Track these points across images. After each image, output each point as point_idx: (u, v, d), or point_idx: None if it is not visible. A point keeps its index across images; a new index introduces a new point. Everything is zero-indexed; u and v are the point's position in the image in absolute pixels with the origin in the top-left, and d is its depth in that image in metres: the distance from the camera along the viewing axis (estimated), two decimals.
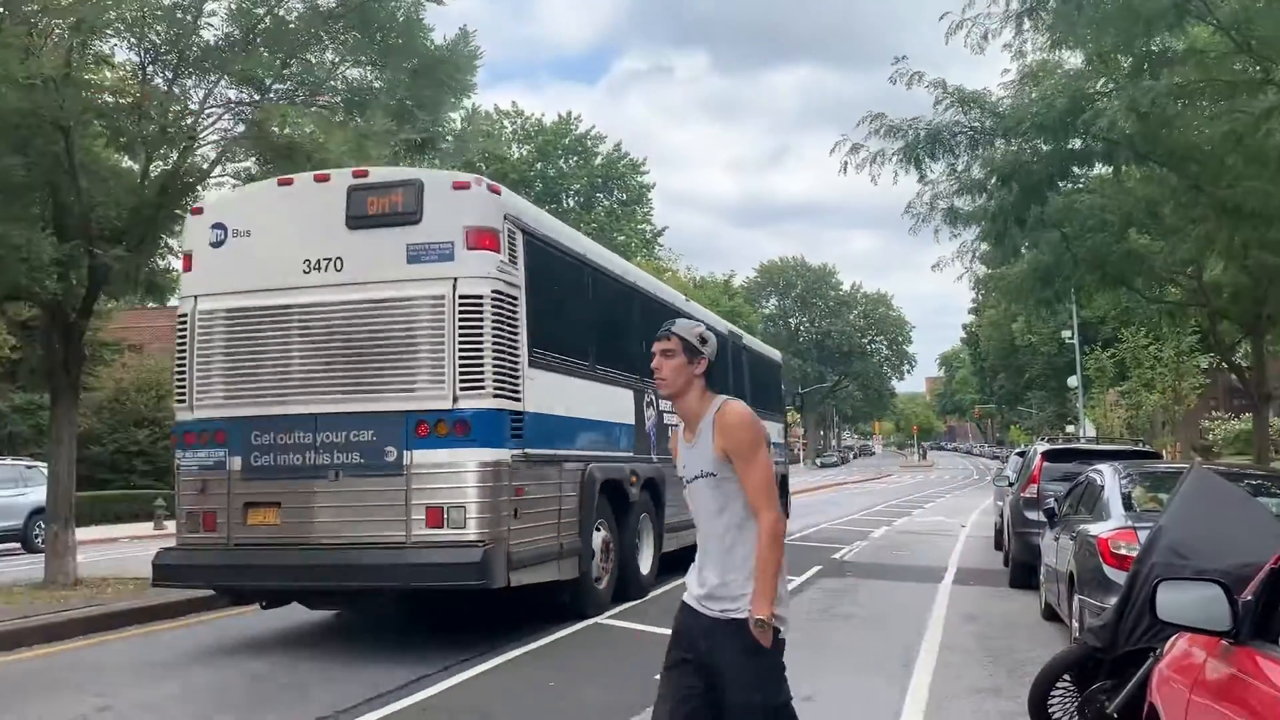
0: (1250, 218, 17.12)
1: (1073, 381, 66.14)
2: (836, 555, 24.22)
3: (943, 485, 77.89)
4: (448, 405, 11.85)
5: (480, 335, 11.89)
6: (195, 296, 12.97)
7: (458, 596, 12.82)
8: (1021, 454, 26.89)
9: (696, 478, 5.18)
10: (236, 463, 12.54)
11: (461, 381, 11.85)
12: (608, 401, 15.06)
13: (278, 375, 12.54)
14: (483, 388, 11.85)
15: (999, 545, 24.58)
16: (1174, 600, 4.56)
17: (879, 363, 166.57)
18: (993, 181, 19.29)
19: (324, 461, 12.20)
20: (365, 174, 12.67)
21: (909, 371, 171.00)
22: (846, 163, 19.32)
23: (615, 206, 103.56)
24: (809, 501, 49.34)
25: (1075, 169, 20.10)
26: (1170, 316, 34.42)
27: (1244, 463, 29.89)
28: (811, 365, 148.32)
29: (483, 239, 12.04)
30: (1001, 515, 24.07)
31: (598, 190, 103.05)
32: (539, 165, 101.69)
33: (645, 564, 16.07)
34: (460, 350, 11.88)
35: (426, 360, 11.97)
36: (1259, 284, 29.10)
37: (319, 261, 12.50)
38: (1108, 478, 12.15)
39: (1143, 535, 8.41)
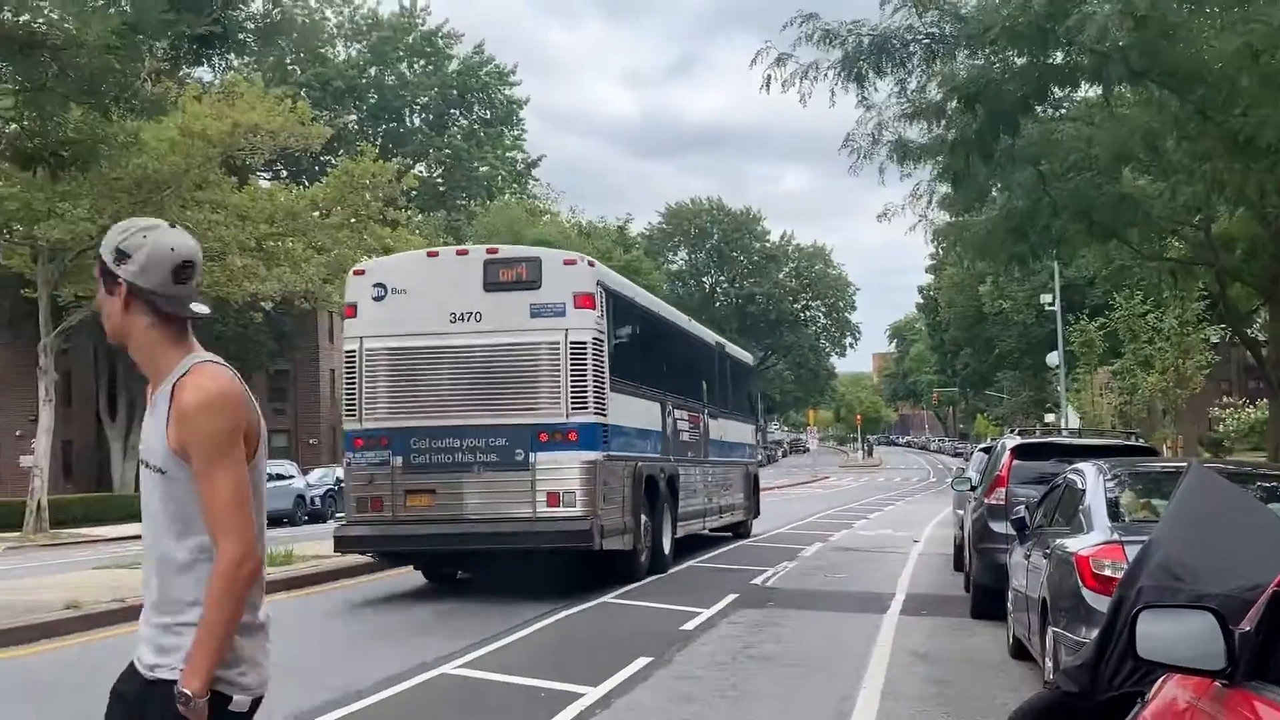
0: (1267, 154, 17.40)
1: (1053, 359, 67.09)
2: (757, 580, 24.46)
3: (892, 489, 78.76)
4: (562, 420, 21.45)
5: (585, 370, 21.51)
6: (361, 337, 22.36)
7: (540, 565, 22.53)
8: (987, 450, 27.20)
9: (146, 466, 4.59)
10: (399, 462, 21.85)
11: (572, 403, 21.50)
12: (647, 414, 25.03)
13: (431, 397, 21.98)
14: (587, 408, 21.50)
15: (959, 565, 24.89)
16: (1158, 633, 4.58)
17: (815, 334, 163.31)
18: (953, 104, 19.36)
19: (468, 461, 21.68)
20: (496, 251, 22.77)
21: (852, 346, 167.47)
22: (770, 77, 19.31)
23: (476, 127, 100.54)
24: None
25: (1056, 89, 20.25)
26: (1172, 277, 34.89)
27: (1258, 460, 30.40)
28: (730, 337, 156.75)
29: (585, 301, 21.63)
30: (962, 527, 24.39)
31: (452, 106, 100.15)
32: (373, 71, 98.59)
33: (667, 544, 25.95)
34: (572, 381, 21.51)
35: (546, 387, 21.57)
36: (1278, 238, 29.57)
37: (462, 314, 21.96)
38: (1090, 480, 12.42)
39: (1132, 552, 8.48)
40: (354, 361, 22.57)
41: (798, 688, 13.54)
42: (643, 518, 24.15)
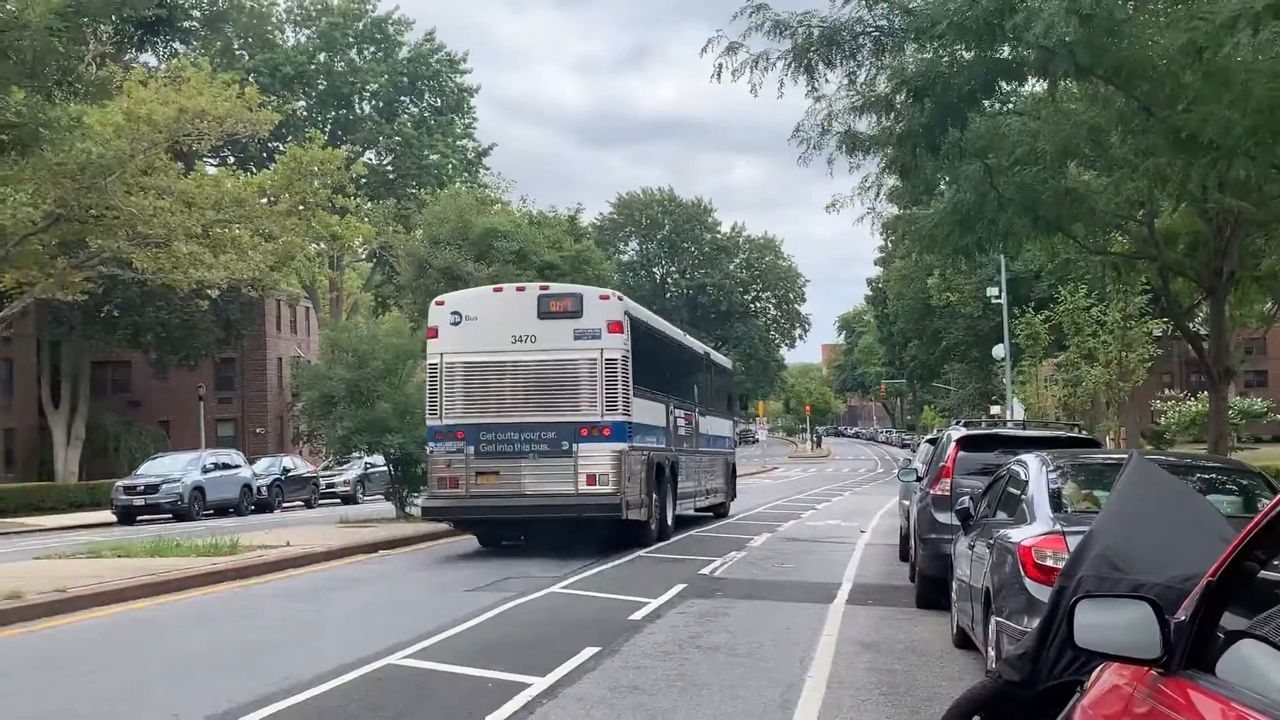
0: (1209, 150, 17.52)
1: (999, 351, 67.31)
2: (705, 570, 24.53)
3: (841, 480, 79.03)
4: (598, 418, 27.50)
5: (615, 380, 27.53)
6: (441, 354, 28.42)
7: (580, 533, 28.19)
8: (933, 441, 27.42)
9: None
10: (471, 450, 27.88)
11: (606, 405, 27.52)
12: (657, 413, 30.91)
13: (496, 400, 27.95)
14: (616, 409, 27.53)
15: (905, 555, 25.19)
16: (1095, 622, 4.65)
17: (765, 325, 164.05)
18: (901, 97, 19.40)
19: (525, 449, 27.63)
20: (548, 288, 29.40)
21: (802, 337, 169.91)
22: (721, 66, 19.29)
23: (426, 115, 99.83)
24: None
25: (1003, 84, 20.32)
26: (1116, 271, 35.08)
27: (1198, 452, 30.60)
28: (681, 328, 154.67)
29: (615, 327, 27.65)
30: (908, 518, 24.66)
31: (402, 93, 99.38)
32: (322, 57, 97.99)
33: (669, 518, 31.87)
34: (605, 388, 27.53)
35: (585, 393, 27.59)
36: (1220, 233, 29.83)
37: (521, 336, 27.89)
38: (1033, 471, 12.52)
39: (1074, 543, 8.62)
40: (436, 372, 28.66)
41: (744, 676, 13.61)
42: (654, 496, 30.21)
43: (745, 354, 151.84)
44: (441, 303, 29.50)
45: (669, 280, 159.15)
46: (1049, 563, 10.43)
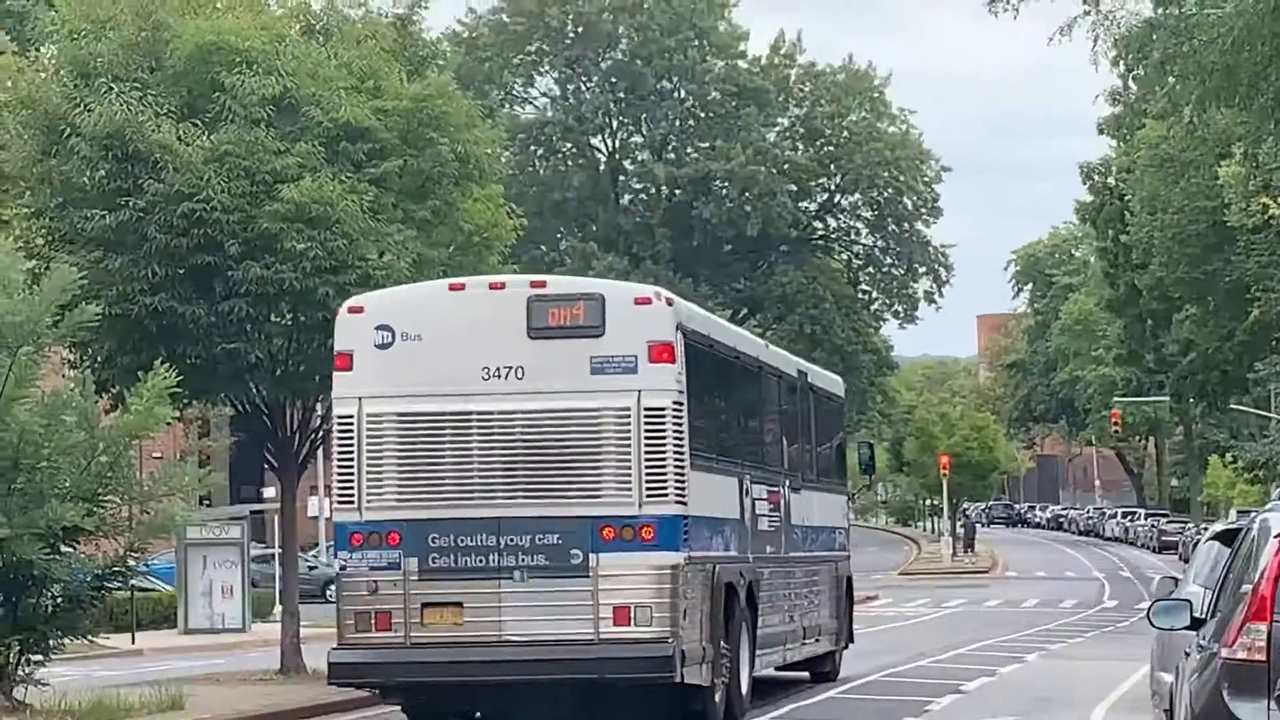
0: None
1: None
2: None
3: (1016, 625, 44.18)
4: (634, 511, 18.26)
5: (664, 445, 18.34)
6: (359, 398, 18.52)
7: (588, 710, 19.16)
8: (1228, 537, 15.87)
9: None
10: (414, 564, 18.24)
11: (647, 488, 18.26)
12: (725, 495, 21.08)
13: (456, 479, 18.57)
14: (666, 495, 18.36)
15: None
16: None
17: (851, 271, 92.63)
18: None
19: (508, 563, 18.26)
20: (544, 284, 19.65)
21: (933, 300, 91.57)
22: None
23: None
24: None
25: None
26: None
27: None
28: (663, 279, 71.04)
29: (663, 353, 18.44)
30: (1170, 711, 15.29)
31: None
32: None
33: (744, 682, 21.11)
34: (646, 459, 18.29)
35: (612, 467, 18.46)
36: None
37: (499, 369, 18.44)
38: None
39: None
40: (350, 430, 18.57)
41: None
42: (721, 644, 19.97)
43: (807, 336, 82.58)
44: (358, 309, 19.04)
45: (628, 163, 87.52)
46: None
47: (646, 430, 18.05)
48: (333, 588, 36.54)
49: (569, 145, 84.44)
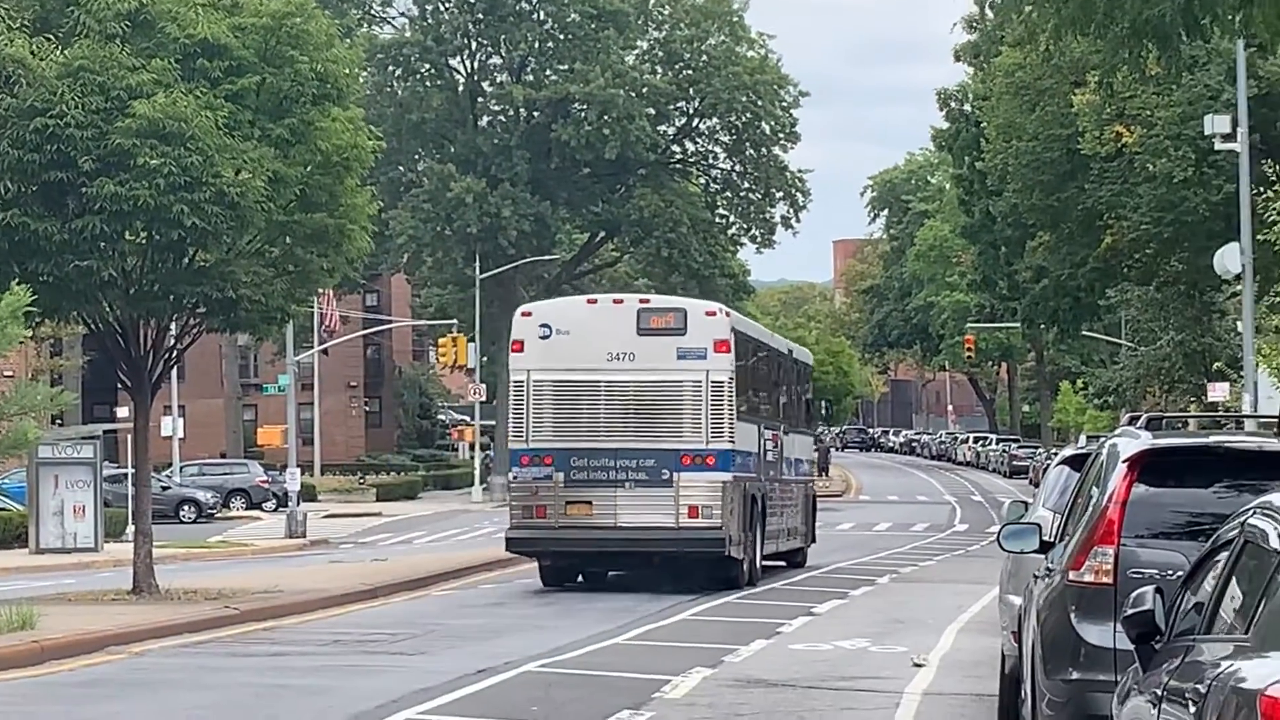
0: None
1: (1230, 260, 35.64)
2: None
3: (869, 549, 44.58)
4: (702, 446, 27.96)
5: (722, 404, 28.17)
6: (528, 370, 28.67)
7: (672, 574, 28.98)
8: (1077, 462, 15.70)
9: None
10: (561, 477, 28.21)
11: (711, 432, 28.01)
12: (751, 438, 30.85)
13: (590, 422, 28.41)
14: (722, 436, 28.15)
15: (1011, 717, 14.53)
16: None
17: (708, 196, 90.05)
18: None
19: (622, 478, 28.19)
20: (648, 301, 32.13)
21: (789, 225, 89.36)
22: None
23: None
24: (487, 600, 30.53)
25: None
26: None
27: None
28: (523, 195, 79.61)
29: (722, 346, 28.39)
30: (1018, 634, 14.56)
31: None
32: None
33: (758, 559, 31.13)
34: (711, 413, 28.03)
35: (689, 417, 28.17)
36: None
37: (618, 354, 28.30)
38: None
39: None
40: (522, 390, 28.49)
41: None
42: (748, 533, 29.72)
43: (664, 260, 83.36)
44: (528, 314, 29.94)
45: (487, 85, 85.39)
46: None
47: (711, 395, 27.81)
48: (185, 507, 53.94)
49: (427, 66, 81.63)
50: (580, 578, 30.22)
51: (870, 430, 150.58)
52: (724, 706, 15.40)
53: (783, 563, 34.67)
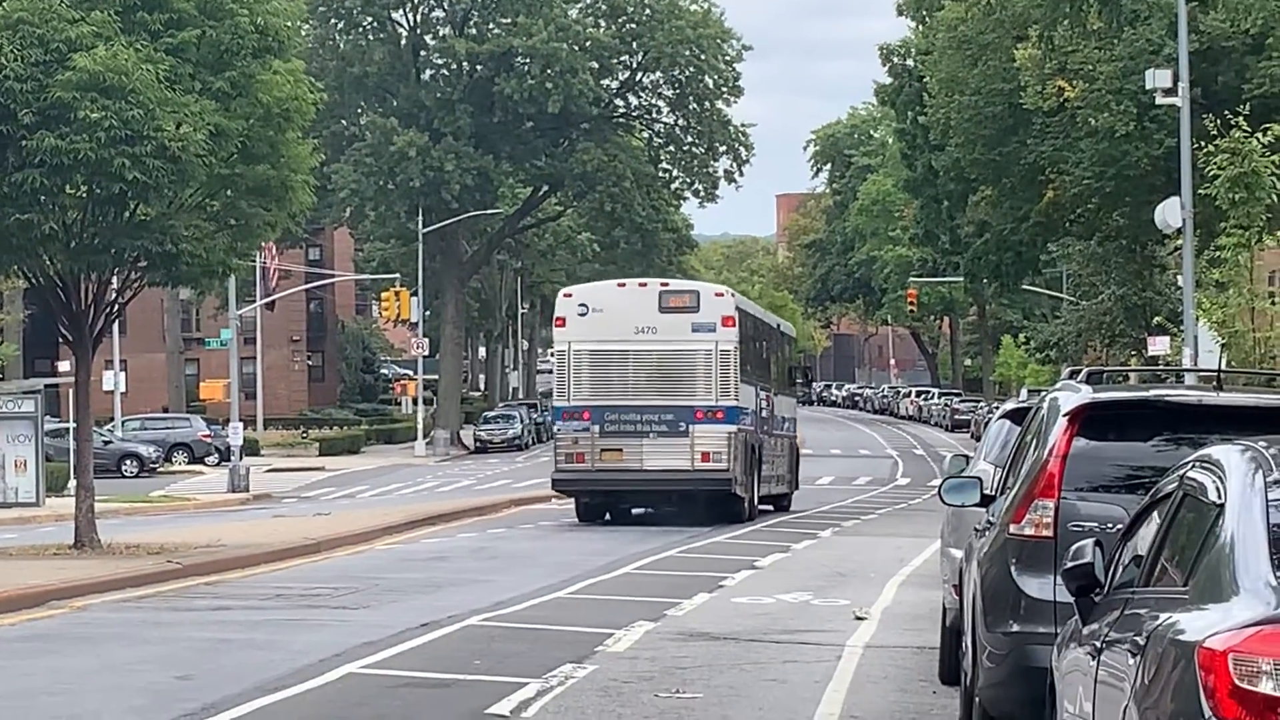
0: None
1: (1170, 214, 35.24)
2: (507, 705, 13.42)
3: (824, 493, 51.08)
4: (712, 403, 33.78)
5: (728, 369, 34.01)
6: (569, 342, 34.46)
7: (686, 509, 34.60)
8: (1018, 415, 15.76)
9: None
10: (596, 429, 33.86)
11: (720, 392, 33.88)
12: (750, 397, 36.17)
13: (620, 383, 34.08)
14: (729, 395, 33.99)
15: (952, 672, 14.58)
16: None
17: (650, 151, 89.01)
18: None
19: (646, 429, 33.90)
20: (668, 284, 38.52)
21: (733, 179, 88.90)
22: None
23: None
24: (430, 554, 29.98)
25: None
26: None
27: None
28: (465, 149, 79.53)
29: (728, 321, 34.46)
30: (960, 586, 14.54)
31: None
32: None
33: (756, 498, 36.94)
34: (720, 377, 33.94)
35: (701, 380, 33.96)
36: None
37: (643, 328, 33.95)
38: (1237, 483, 7.85)
39: None
40: (564, 358, 34.39)
41: None
42: (748, 476, 35.29)
43: (607, 214, 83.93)
44: (569, 295, 35.85)
45: (430, 39, 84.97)
46: (1264, 686, 6.67)
47: (719, 362, 33.52)
48: (127, 461, 58.75)
49: (369, 19, 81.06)
50: (608, 516, 35.67)
51: (812, 384, 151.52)
52: (666, 660, 15.56)
53: (770, 506, 38.87)
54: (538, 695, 13.56)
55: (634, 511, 36.12)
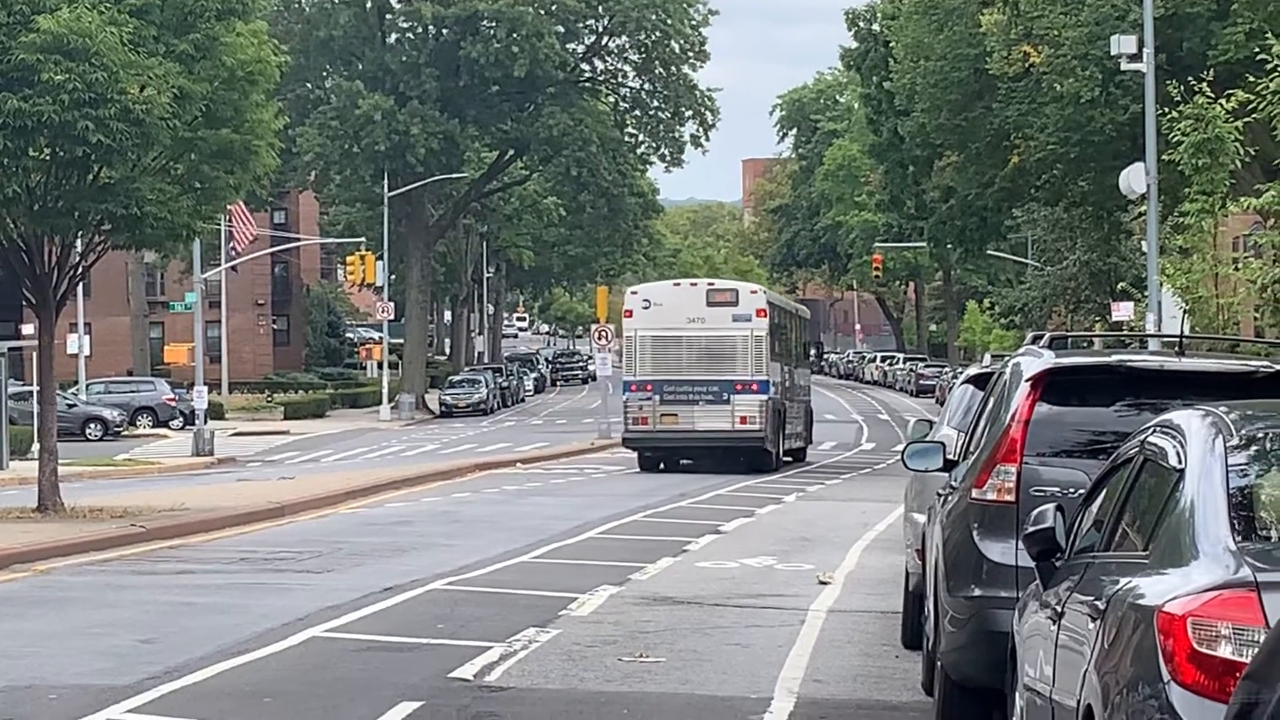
0: None
1: (1135, 181, 35.05)
2: (471, 669, 13.52)
3: (774, 469, 46.36)
4: (749, 377, 43.02)
5: (761, 351, 43.51)
6: (636, 329, 43.63)
7: (728, 461, 42.47)
8: (981, 381, 15.68)
9: None
10: (657, 398, 43.15)
11: (755, 369, 43.21)
12: (776, 371, 44.39)
13: (675, 361, 43.37)
14: (762, 371, 43.28)
15: (914, 637, 14.64)
16: None
17: (615, 116, 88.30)
18: None
19: (696, 398, 43.18)
20: (714, 283, 49.84)
21: (699, 144, 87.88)
22: None
23: None
24: (399, 518, 29.22)
25: None
26: None
27: None
28: (430, 112, 78.62)
29: (761, 313, 44.07)
30: (922, 551, 14.69)
31: None
32: None
33: (781, 452, 45.00)
34: (754, 356, 43.41)
35: (740, 360, 43.33)
36: None
37: (694, 318, 43.37)
38: (1197, 447, 7.86)
39: (1277, 608, 6.28)
40: (631, 342, 42.25)
41: None
42: (776, 434, 42.95)
43: (573, 179, 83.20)
44: (635, 292, 44.57)
45: (396, 1, 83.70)
46: (1223, 650, 6.60)
47: (754, 345, 41.24)
48: (91, 425, 60.58)
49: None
50: (661, 465, 43.03)
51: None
52: (630, 624, 15.50)
53: (790, 458, 46.14)
54: (501, 659, 13.54)
55: (682, 462, 42.99)
